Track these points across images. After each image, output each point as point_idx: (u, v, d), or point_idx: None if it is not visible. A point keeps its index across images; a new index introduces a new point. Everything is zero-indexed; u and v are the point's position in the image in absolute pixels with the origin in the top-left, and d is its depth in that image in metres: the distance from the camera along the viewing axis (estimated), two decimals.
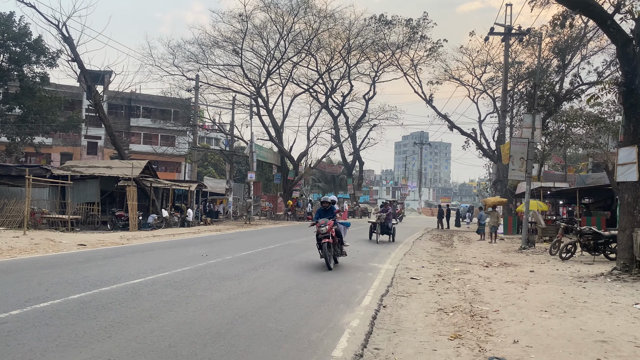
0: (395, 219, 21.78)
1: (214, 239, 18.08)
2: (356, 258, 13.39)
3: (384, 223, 19.62)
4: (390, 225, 20.00)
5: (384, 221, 19.63)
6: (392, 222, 20.31)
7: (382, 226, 19.63)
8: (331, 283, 9.21)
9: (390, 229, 20.02)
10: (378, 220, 19.76)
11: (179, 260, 11.13)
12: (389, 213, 20.06)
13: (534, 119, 18.48)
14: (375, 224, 19.89)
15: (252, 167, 32.95)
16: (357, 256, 13.91)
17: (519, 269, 12.77)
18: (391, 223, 20.07)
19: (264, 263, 11.30)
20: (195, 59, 38.52)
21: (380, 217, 19.71)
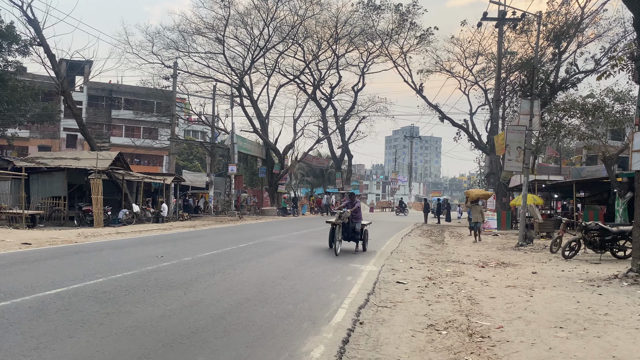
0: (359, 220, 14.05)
1: (183, 236, 16.47)
2: (335, 258, 11.83)
3: (349, 224, 13.35)
4: (359, 228, 13.57)
5: (349, 221, 13.33)
6: (362, 222, 13.91)
7: (346, 228, 13.39)
8: (300, 291, 7.67)
9: (358, 232, 13.58)
10: (339, 219, 12.92)
11: (126, 263, 9.54)
12: (356, 208, 13.53)
13: (532, 105, 17.03)
14: (335, 225, 12.78)
15: (233, 160, 31.30)
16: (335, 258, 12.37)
17: (519, 270, 11.31)
18: (359, 223, 13.60)
19: (226, 266, 9.72)
20: (175, 47, 36.71)
21: (343, 215, 13.02)
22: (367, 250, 14.04)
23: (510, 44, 35.45)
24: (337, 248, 12.59)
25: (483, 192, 22.77)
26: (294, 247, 14.02)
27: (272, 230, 19.98)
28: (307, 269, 9.79)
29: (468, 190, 23.33)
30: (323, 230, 21.56)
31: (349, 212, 13.22)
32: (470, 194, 21.58)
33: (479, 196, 21.44)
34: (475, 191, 22.18)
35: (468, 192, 22.59)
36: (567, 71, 31.89)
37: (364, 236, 14.01)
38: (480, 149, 35.63)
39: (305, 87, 44.02)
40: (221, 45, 36.40)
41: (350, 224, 13.34)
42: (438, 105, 35.09)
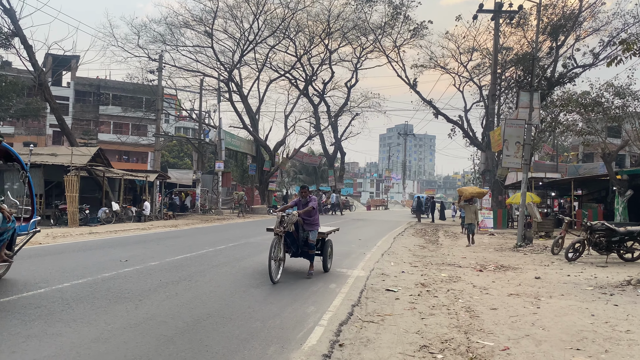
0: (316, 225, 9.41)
1: (160, 236, 15.41)
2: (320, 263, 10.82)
3: (298, 233, 8.89)
4: (314, 238, 9.18)
5: (298, 228, 8.87)
6: (321, 230, 9.57)
7: (294, 240, 8.88)
8: (273, 303, 6.65)
9: (313, 245, 9.25)
10: (281, 225, 8.46)
11: (82, 269, 8.49)
12: (310, 209, 8.96)
13: (531, 98, 16.09)
14: (278, 236, 8.44)
15: (221, 156, 30.21)
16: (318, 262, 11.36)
17: (521, 274, 10.36)
18: (315, 231, 9.21)
19: (196, 272, 8.68)
20: (162, 40, 35.54)
21: (287, 219, 8.49)
22: (356, 254, 13.04)
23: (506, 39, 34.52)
24: (275, 273, 8.01)
25: (478, 190, 20.73)
26: None
27: (257, 230, 18.95)
28: (288, 275, 8.79)
29: (461, 188, 20.81)
30: None
31: (296, 214, 8.51)
32: (464, 191, 19.43)
33: (474, 194, 19.11)
34: (469, 189, 20.10)
35: (461, 189, 20.43)
36: (565, 65, 31.04)
37: (325, 250, 9.58)
38: (476, 146, 34.73)
39: (297, 82, 43.01)
40: (210, 39, 35.32)
41: (300, 232, 8.86)
42: (432, 101, 34.18)
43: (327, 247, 9.75)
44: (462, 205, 17.47)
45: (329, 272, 9.63)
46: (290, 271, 9.32)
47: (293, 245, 8.95)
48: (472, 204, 17.47)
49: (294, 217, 8.50)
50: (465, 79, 37.54)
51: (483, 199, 26.44)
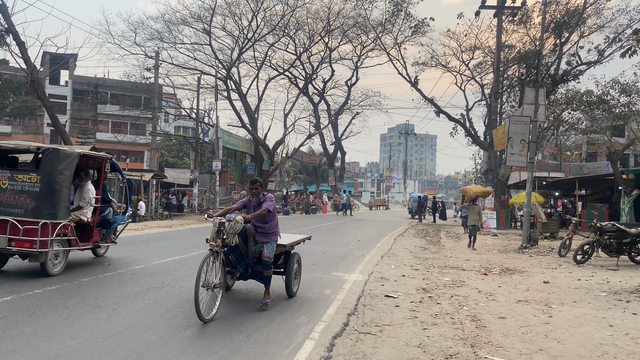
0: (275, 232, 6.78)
1: (151, 237, 14.83)
2: (315, 267, 10.26)
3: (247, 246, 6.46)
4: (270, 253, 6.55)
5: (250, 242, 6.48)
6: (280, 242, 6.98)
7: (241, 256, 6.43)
8: (261, 313, 6.10)
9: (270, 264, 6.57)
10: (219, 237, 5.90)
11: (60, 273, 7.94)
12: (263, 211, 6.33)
13: (537, 94, 15.51)
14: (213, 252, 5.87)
15: (218, 155, 29.64)
16: (318, 262, 10.81)
17: (528, 279, 9.79)
18: (272, 243, 6.62)
19: (181, 277, 8.11)
20: (159, 37, 35.00)
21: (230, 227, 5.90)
22: (354, 257, 12.47)
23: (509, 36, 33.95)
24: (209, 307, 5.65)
25: (482, 190, 19.08)
26: None
27: None
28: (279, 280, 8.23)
29: (465, 187, 19.43)
30: (309, 230, 20.03)
31: (242, 220, 5.97)
32: (468, 191, 17.80)
33: (478, 194, 17.61)
34: (473, 188, 18.51)
35: (465, 189, 18.78)
36: (569, 63, 30.48)
37: (290, 267, 7.05)
38: (478, 145, 34.21)
39: (297, 81, 42.49)
40: (208, 37, 34.77)
41: (251, 245, 6.43)
42: (434, 99, 33.61)
43: (291, 264, 7.08)
44: (466, 206, 16.38)
45: (326, 277, 9.08)
46: None
47: (240, 263, 6.39)
48: (475, 205, 16.32)
49: (238, 224, 5.88)
50: (466, 77, 37.07)
51: (486, 199, 25.90)
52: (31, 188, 7.67)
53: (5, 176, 7.73)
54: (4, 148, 8.31)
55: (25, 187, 7.69)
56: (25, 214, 7.56)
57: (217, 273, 5.86)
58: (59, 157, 7.92)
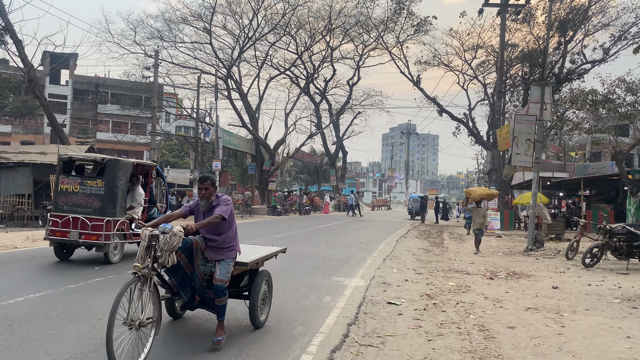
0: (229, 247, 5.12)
1: None
2: (315, 270, 9.89)
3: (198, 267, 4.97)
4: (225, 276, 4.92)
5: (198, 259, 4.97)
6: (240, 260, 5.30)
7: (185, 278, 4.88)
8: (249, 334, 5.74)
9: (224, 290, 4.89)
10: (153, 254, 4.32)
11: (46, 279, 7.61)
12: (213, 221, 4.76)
13: (543, 92, 15.13)
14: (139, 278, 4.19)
15: (218, 155, 29.28)
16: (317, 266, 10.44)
17: (536, 283, 9.42)
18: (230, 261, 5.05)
19: None
20: (159, 36, 34.67)
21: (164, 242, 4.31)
22: (355, 260, 12.11)
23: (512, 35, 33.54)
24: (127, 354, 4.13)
25: (487, 192, 17.53)
26: None
27: (251, 233, 18.05)
28: (277, 285, 7.85)
29: (469, 189, 18.01)
30: (310, 232, 19.70)
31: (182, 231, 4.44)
32: (472, 193, 16.52)
33: (483, 196, 16.22)
34: (477, 190, 17.26)
35: (469, 191, 17.49)
36: (573, 61, 30.06)
37: (255, 290, 5.47)
38: (481, 144, 33.82)
39: (298, 80, 42.14)
40: (208, 35, 34.46)
41: (199, 264, 5.04)
42: (436, 98, 33.21)
43: (257, 286, 5.49)
44: (470, 209, 15.84)
45: (326, 282, 8.71)
46: (278, 280, 8.41)
47: (184, 288, 4.88)
48: (480, 207, 15.28)
49: (175, 237, 4.36)
50: (469, 77, 36.76)
51: None
52: (97, 191, 9.47)
53: (77, 182, 9.57)
54: (75, 159, 10.28)
55: (93, 190, 9.50)
56: (93, 212, 9.34)
57: (146, 305, 4.23)
58: (119, 166, 9.63)
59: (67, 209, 9.44)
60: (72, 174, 10.00)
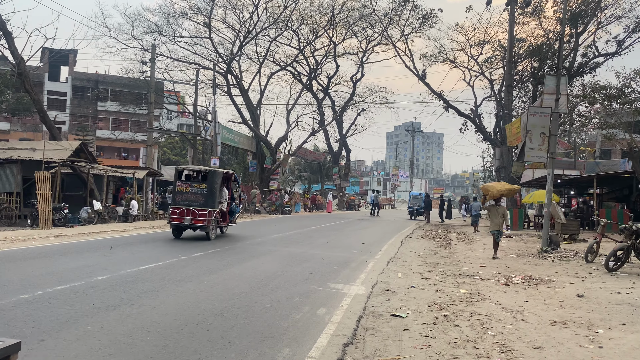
0: None
1: (135, 240, 13.50)
2: (311, 275, 8.92)
3: None
4: None
5: None
6: None
7: None
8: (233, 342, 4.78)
9: None
10: None
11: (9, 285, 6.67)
12: None
13: (558, 82, 14.10)
14: None
15: (216, 152, 28.36)
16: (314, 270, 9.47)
17: (558, 291, 8.43)
18: None
19: (147, 291, 6.79)
20: (157, 30, 33.75)
21: None
22: (356, 263, 11.16)
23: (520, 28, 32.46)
24: None
25: (507, 187, 14.55)
26: (265, 255, 11.16)
27: (249, 232, 17.12)
28: (266, 294, 6.92)
29: (487, 185, 15.11)
30: (310, 232, 18.75)
31: None
32: (490, 189, 14.00)
33: (502, 193, 13.86)
34: (496, 185, 14.58)
35: (487, 186, 14.65)
36: (585, 55, 28.99)
37: None
38: (489, 141, 32.80)
39: (301, 77, 41.16)
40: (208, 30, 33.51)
41: None
42: (442, 93, 32.20)
43: None
44: (488, 207, 13.63)
45: (322, 290, 7.74)
46: (270, 286, 7.46)
47: None
48: (499, 205, 13.36)
49: None
50: (475, 72, 35.81)
51: None
52: (202, 191, 13.91)
53: (188, 185, 14.12)
54: (187, 169, 15.63)
55: (199, 190, 13.92)
56: (199, 205, 13.74)
57: None
58: (215, 174, 14.43)
59: (182, 203, 13.88)
60: (182, 179, 14.72)
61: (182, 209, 13.65)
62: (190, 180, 14.71)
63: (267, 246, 12.90)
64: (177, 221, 13.73)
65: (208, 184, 13.89)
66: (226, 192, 14.99)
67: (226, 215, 15.22)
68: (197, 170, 15.27)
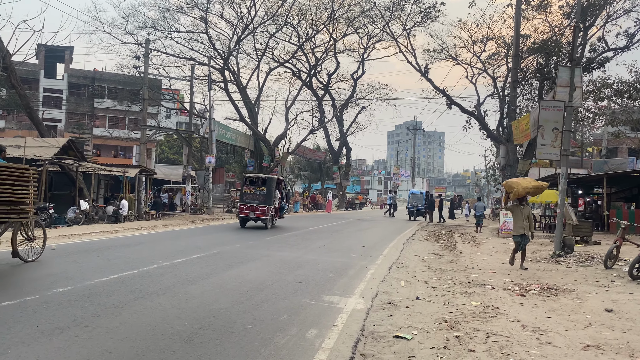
0: None
1: (116, 243, 12.54)
2: (303, 285, 7.96)
3: None
4: None
5: None
6: None
7: None
8: None
9: None
10: None
11: None
12: None
13: (572, 74, 13.14)
14: None
15: (211, 150, 27.38)
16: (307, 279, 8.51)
17: (582, 303, 7.48)
18: None
19: (111, 307, 5.79)
20: (152, 26, 32.77)
21: None
22: (355, 270, 10.22)
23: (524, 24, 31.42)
24: None
25: (535, 184, 11.60)
26: (255, 260, 10.21)
27: (242, 234, 16.18)
28: (248, 311, 5.97)
29: (511, 181, 11.85)
30: (307, 233, 17.80)
31: None
32: (516, 186, 11.16)
33: (529, 190, 11.19)
34: (522, 182, 11.68)
35: (511, 183, 11.60)
36: (594, 49, 27.98)
37: None
38: (493, 139, 31.82)
39: (300, 74, 40.18)
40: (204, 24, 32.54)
41: None
42: (445, 89, 31.20)
43: None
44: (510, 208, 11.35)
45: (314, 304, 6.79)
46: (255, 300, 6.51)
47: None
48: (524, 206, 11.08)
49: None
50: (478, 70, 34.91)
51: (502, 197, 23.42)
52: (262, 193, 18.48)
53: (252, 188, 18.78)
54: (252, 176, 20.61)
55: (260, 192, 18.50)
56: (260, 203, 18.13)
57: None
58: (272, 180, 19.14)
59: (247, 201, 18.36)
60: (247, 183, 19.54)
61: (248, 205, 18.16)
62: (254, 184, 19.24)
63: (258, 250, 11.94)
64: (243, 214, 18.33)
65: (266, 187, 18.60)
66: (278, 193, 19.49)
67: (277, 211, 19.83)
68: (258, 177, 20.14)
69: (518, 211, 10.94)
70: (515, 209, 11.04)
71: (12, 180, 7.86)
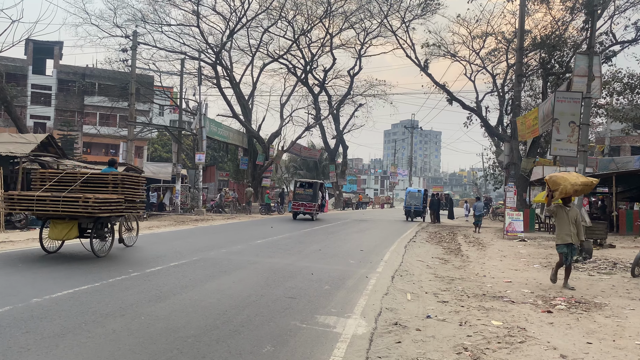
0: None
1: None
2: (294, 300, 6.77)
3: None
4: None
5: None
6: None
7: None
8: None
9: None
10: None
11: None
12: None
13: (590, 62, 12.01)
14: None
15: (202, 147, 26.17)
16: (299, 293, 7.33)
17: (621, 323, 6.34)
18: None
19: (48, 337, 4.65)
20: (142, 18, 31.56)
21: None
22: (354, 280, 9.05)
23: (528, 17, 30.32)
24: None
25: (584, 180, 8.88)
26: (240, 269, 9.02)
27: (231, 237, 14.97)
28: (222, 340, 4.79)
29: (556, 176, 8.82)
30: (301, 235, 16.61)
31: None
32: (563, 182, 8.55)
33: (577, 188, 8.65)
34: (569, 177, 8.75)
35: (556, 179, 8.69)
36: (601, 43, 26.90)
37: None
38: (495, 136, 30.74)
39: (296, 70, 39.03)
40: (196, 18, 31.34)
41: None
42: (445, 85, 30.10)
43: None
44: (553, 210, 8.89)
45: (306, 327, 5.62)
46: (235, 322, 5.33)
47: None
48: (569, 207, 8.81)
49: None
50: (477, 67, 33.89)
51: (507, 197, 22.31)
52: (310, 193, 25.63)
53: (302, 189, 26.06)
54: (302, 181, 27.98)
55: (308, 193, 25.74)
56: (308, 201, 25.21)
57: None
58: (316, 183, 26.31)
59: (299, 199, 25.08)
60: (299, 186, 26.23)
61: (299, 202, 25.04)
62: (303, 187, 26.03)
63: (245, 256, 10.73)
64: (296, 210, 25.21)
65: (312, 189, 25.56)
66: (320, 193, 25.98)
67: (319, 207, 25.97)
68: (307, 182, 26.86)
69: (563, 214, 8.70)
70: (560, 211, 8.74)
71: (133, 185, 10.36)
